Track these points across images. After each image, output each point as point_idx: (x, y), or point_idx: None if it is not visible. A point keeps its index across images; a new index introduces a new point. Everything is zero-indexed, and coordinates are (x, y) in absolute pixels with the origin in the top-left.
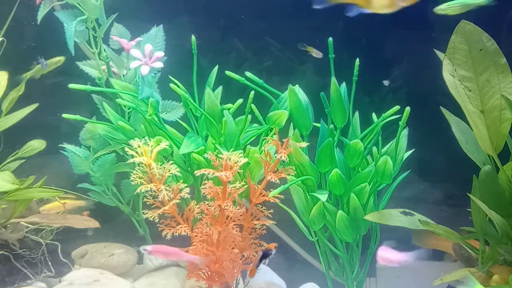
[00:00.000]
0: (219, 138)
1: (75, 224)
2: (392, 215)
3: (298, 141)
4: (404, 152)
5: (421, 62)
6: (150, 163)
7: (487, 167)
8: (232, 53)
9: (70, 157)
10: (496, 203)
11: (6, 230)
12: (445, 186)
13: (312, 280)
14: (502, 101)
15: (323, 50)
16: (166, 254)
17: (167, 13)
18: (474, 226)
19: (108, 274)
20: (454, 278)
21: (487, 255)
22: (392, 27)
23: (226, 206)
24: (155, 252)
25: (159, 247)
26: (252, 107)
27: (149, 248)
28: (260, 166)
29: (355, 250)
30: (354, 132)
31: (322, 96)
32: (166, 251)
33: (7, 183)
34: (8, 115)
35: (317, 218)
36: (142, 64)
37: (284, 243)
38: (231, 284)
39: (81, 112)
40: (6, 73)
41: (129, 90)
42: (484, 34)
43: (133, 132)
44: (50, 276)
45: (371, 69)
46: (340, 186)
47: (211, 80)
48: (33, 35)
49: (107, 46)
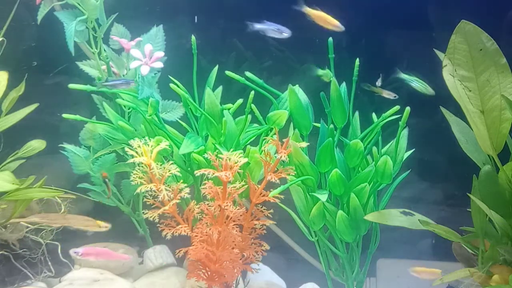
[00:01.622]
0: (219, 138)
1: (75, 224)
2: (392, 215)
3: (298, 141)
4: (404, 152)
5: (421, 62)
6: (150, 163)
7: (487, 167)
8: (232, 53)
9: (70, 157)
10: (496, 203)
11: (6, 230)
12: (445, 186)
13: (312, 280)
14: (502, 101)
15: (322, 50)
16: (97, 255)
17: (167, 13)
18: (474, 226)
19: (108, 274)
20: (454, 278)
21: (487, 255)
22: (392, 27)
23: (226, 206)
24: (86, 254)
25: (90, 249)
26: (252, 107)
27: (80, 250)
28: (260, 166)
29: (355, 250)
30: (354, 132)
31: (322, 96)
32: (96, 252)
33: (7, 183)
34: (8, 115)
35: (317, 218)
36: (142, 64)
37: (284, 243)
38: (231, 284)
39: (81, 112)
40: (6, 73)
41: (129, 90)
42: (484, 34)
43: (133, 132)
44: (50, 276)
45: (371, 69)
46: (340, 186)
47: (211, 80)
48: (33, 35)
49: (107, 46)
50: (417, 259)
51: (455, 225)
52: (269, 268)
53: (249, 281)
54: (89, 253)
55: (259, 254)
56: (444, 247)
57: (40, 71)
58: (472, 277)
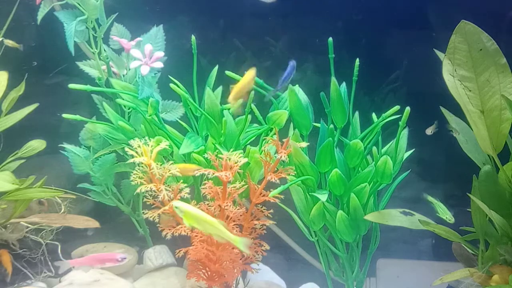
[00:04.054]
0: (219, 138)
1: (75, 224)
2: (392, 215)
3: (298, 141)
4: (404, 152)
5: (421, 62)
6: (150, 163)
7: (487, 167)
8: (232, 53)
9: (70, 157)
10: (496, 203)
11: (6, 230)
12: (445, 186)
13: (312, 280)
14: (502, 101)
15: (322, 50)
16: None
17: (167, 13)
18: (474, 226)
19: (108, 274)
20: (454, 278)
21: (487, 255)
22: (392, 27)
23: (226, 206)
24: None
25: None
26: (252, 107)
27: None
28: (260, 166)
29: (355, 250)
30: (354, 132)
31: (322, 96)
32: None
33: (7, 183)
34: (8, 115)
35: (317, 218)
36: (142, 64)
37: (284, 243)
38: (231, 284)
39: (81, 112)
40: (6, 73)
41: (129, 90)
42: (484, 34)
43: (133, 132)
44: (50, 276)
45: (371, 69)
46: (340, 186)
47: (211, 80)
48: (33, 35)
49: (107, 46)
50: (417, 259)
51: (455, 225)
52: (269, 268)
53: (249, 281)
54: (83, 263)
55: (259, 254)
56: (444, 247)
57: (40, 71)
58: (472, 277)
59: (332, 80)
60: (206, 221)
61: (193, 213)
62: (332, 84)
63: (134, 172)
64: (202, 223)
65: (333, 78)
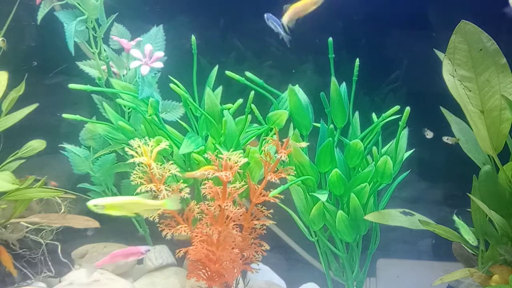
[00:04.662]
0: (219, 138)
1: (75, 224)
2: (392, 215)
3: (298, 141)
4: (404, 152)
5: (421, 62)
6: (150, 163)
7: (487, 167)
8: (232, 53)
9: (70, 157)
10: (496, 203)
11: (6, 230)
12: (445, 186)
13: (312, 280)
14: (502, 101)
15: (322, 50)
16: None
17: (167, 13)
18: (474, 226)
19: (108, 274)
20: (454, 278)
21: (487, 255)
22: (392, 27)
23: (226, 206)
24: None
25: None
26: (252, 107)
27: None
28: (260, 166)
29: (355, 250)
30: (354, 132)
31: (322, 96)
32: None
33: (7, 183)
34: (8, 115)
35: (317, 218)
36: (142, 64)
37: (284, 243)
38: (231, 284)
39: (81, 112)
40: (6, 73)
41: (129, 90)
42: (484, 34)
43: (133, 132)
44: (50, 276)
45: (371, 69)
46: (340, 186)
47: (211, 80)
48: (33, 35)
49: (107, 46)
50: (417, 259)
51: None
52: (269, 268)
53: (249, 281)
54: (108, 261)
55: (259, 254)
56: (444, 247)
57: (40, 71)
58: (472, 277)
59: (332, 80)
60: (127, 202)
61: (112, 203)
62: (332, 84)
63: (134, 172)
64: (126, 206)
65: (333, 78)
